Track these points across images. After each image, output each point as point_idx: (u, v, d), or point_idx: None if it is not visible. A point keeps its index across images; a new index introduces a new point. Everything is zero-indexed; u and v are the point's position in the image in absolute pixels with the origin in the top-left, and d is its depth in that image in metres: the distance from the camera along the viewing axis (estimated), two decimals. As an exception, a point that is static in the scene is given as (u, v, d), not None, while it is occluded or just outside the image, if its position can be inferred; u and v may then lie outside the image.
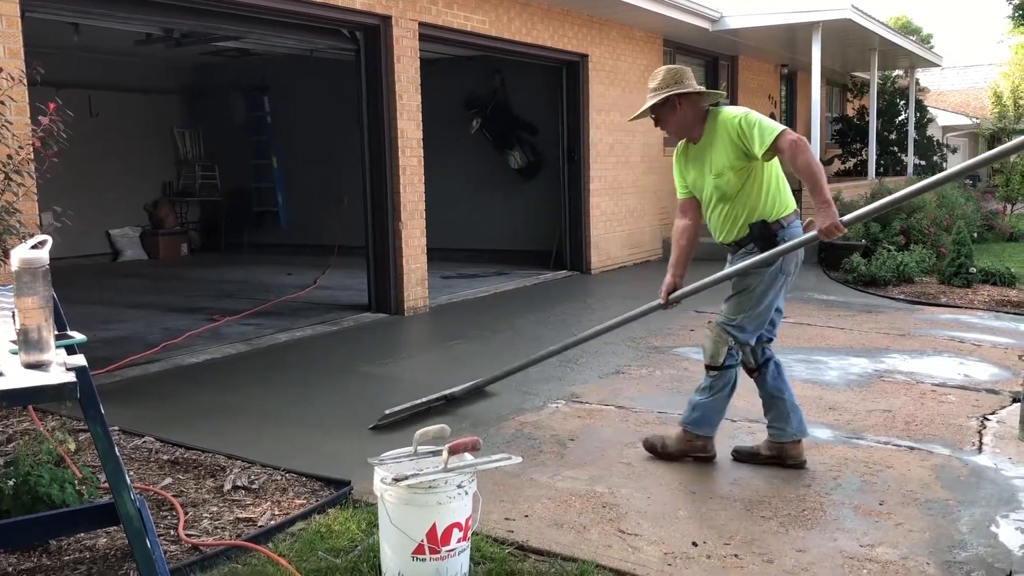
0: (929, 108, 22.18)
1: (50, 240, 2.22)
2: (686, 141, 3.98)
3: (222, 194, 14.20)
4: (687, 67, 3.96)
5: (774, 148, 3.63)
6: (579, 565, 2.99)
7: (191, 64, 13.47)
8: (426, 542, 2.81)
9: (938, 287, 9.24)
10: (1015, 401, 4.89)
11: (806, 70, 13.75)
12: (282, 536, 3.30)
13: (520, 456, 3.41)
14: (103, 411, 2.16)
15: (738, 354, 3.90)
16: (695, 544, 3.20)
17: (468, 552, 2.95)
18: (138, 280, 11.20)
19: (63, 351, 2.11)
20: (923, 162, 19.81)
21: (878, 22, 13.80)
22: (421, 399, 4.87)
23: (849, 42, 14.36)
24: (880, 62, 16.83)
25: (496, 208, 12.00)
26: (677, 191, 4.13)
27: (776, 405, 3.98)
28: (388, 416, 4.60)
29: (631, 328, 6.99)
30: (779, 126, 3.67)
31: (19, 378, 1.91)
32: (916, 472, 3.91)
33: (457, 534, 2.85)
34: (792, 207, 3.89)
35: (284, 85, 13.12)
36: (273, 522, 3.41)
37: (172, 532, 3.35)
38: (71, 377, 1.92)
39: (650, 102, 3.89)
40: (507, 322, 7.67)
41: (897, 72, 20.38)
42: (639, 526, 3.36)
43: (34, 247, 2.11)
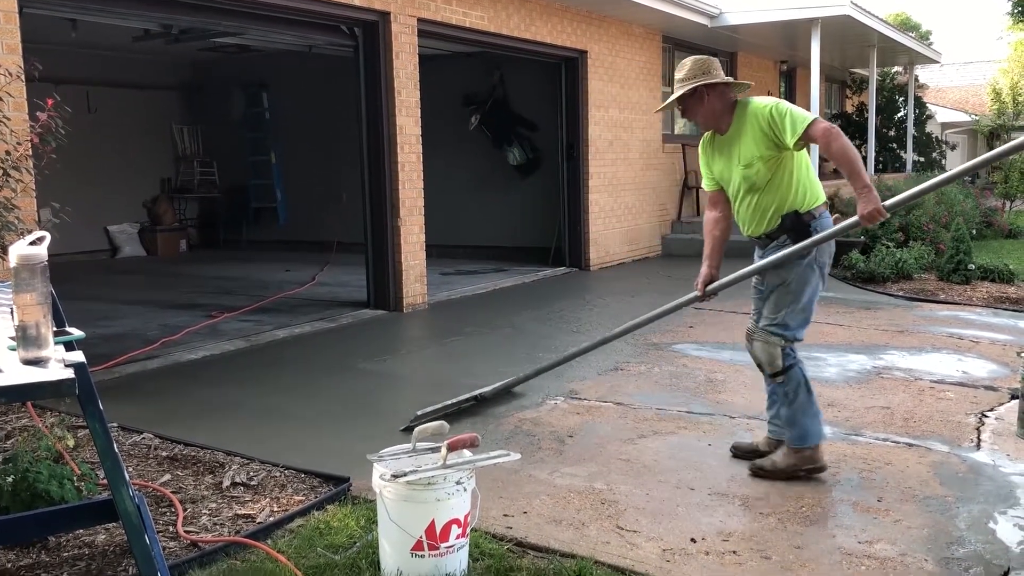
0: (928, 105, 22.18)
1: (48, 236, 2.22)
2: (712, 132, 3.91)
3: (221, 190, 14.21)
4: (714, 58, 3.88)
5: (807, 137, 3.58)
6: (577, 561, 2.99)
7: (190, 60, 13.46)
8: (425, 538, 2.81)
9: (937, 284, 9.24)
10: (1013, 398, 4.89)
11: (805, 66, 13.75)
12: (281, 532, 3.31)
13: (519, 453, 3.41)
14: (102, 407, 2.16)
15: (794, 351, 3.78)
16: (693, 540, 3.21)
17: (467, 548, 2.95)
18: (136, 276, 11.20)
19: (62, 347, 2.11)
20: (922, 159, 19.80)
21: (877, 18, 13.80)
22: (452, 400, 4.78)
23: (848, 38, 14.36)
24: (879, 58, 16.83)
25: (495, 205, 11.99)
26: (704, 183, 4.07)
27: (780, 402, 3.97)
28: (419, 417, 4.49)
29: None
30: (810, 115, 3.61)
31: (18, 374, 1.91)
32: (914, 469, 3.91)
33: (456, 530, 2.86)
34: (823, 198, 3.82)
35: (283, 81, 13.11)
36: (272, 518, 3.41)
37: (171, 528, 3.35)
38: (70, 373, 1.92)
39: (678, 93, 3.81)
40: (506, 319, 7.67)
41: (896, 69, 20.37)
42: (637, 522, 3.37)
43: (32, 243, 2.11)
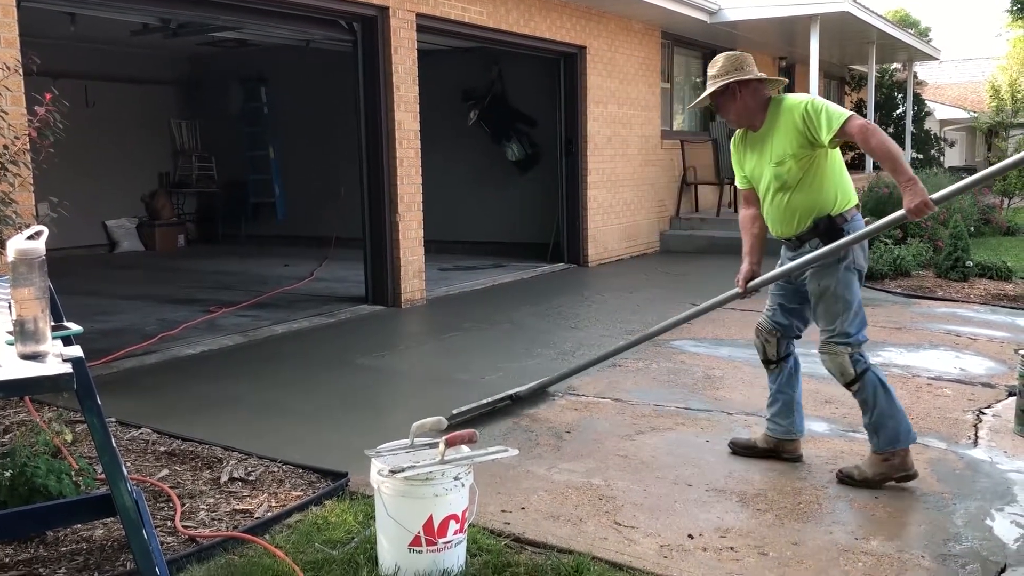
0: (927, 101, 22.19)
1: (46, 231, 2.22)
2: (744, 130, 3.86)
3: (219, 185, 14.19)
4: (748, 54, 3.82)
5: (843, 133, 3.51)
6: (575, 557, 2.99)
7: (188, 55, 13.43)
8: (423, 534, 2.81)
9: (935, 281, 9.24)
10: (1011, 395, 4.89)
11: (804, 63, 13.73)
12: (279, 528, 3.31)
13: (517, 448, 3.41)
14: (100, 402, 2.16)
15: (863, 355, 3.69)
16: (691, 536, 3.21)
17: (465, 544, 2.95)
18: (134, 271, 11.19)
19: (59, 342, 2.11)
20: (920, 156, 19.80)
21: (876, 15, 13.80)
22: (486, 399, 4.76)
23: (847, 35, 14.35)
24: (878, 55, 16.82)
25: (493, 200, 11.98)
26: (737, 181, 4.03)
27: (782, 401, 3.97)
28: (455, 416, 4.45)
29: (629, 322, 7.04)
30: (846, 111, 3.55)
31: (15, 369, 1.91)
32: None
33: (454, 526, 2.86)
34: (855, 199, 3.75)
35: (281, 76, 13.09)
36: (270, 514, 3.41)
37: (169, 523, 3.35)
38: (68, 368, 1.92)
39: (710, 89, 3.76)
40: (504, 314, 7.67)
41: (895, 65, 20.37)
42: (635, 518, 3.37)
43: (30, 238, 2.11)
